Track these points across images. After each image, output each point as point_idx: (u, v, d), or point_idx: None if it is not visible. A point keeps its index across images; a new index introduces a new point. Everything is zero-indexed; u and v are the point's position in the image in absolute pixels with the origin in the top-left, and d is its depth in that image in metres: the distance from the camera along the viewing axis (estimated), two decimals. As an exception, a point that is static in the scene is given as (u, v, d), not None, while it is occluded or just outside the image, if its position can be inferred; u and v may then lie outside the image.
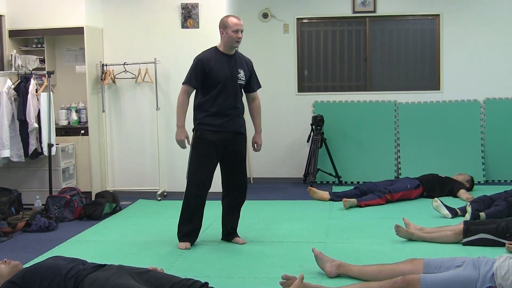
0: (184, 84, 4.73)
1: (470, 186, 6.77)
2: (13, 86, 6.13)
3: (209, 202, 4.97)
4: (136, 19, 7.01)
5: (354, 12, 7.85)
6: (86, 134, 6.74)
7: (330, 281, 3.83)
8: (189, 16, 6.85)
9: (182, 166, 4.84)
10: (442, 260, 3.55)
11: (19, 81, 6.20)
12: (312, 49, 8.04)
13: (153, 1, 6.96)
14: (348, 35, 7.99)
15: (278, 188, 7.56)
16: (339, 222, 5.60)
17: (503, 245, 4.40)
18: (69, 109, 6.87)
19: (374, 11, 7.82)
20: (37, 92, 6.20)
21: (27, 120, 6.08)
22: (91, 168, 6.77)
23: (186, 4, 6.84)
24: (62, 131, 6.76)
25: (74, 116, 6.82)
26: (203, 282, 3.22)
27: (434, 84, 7.90)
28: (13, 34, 6.68)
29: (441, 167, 7.24)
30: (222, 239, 4.96)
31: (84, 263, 3.37)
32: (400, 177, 7.51)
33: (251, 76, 4.87)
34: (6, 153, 6.02)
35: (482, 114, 7.71)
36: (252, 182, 7.86)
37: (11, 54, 6.56)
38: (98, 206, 5.96)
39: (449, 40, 7.76)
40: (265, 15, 7.95)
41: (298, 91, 8.01)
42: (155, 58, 6.83)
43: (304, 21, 8.00)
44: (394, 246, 4.67)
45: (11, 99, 6.08)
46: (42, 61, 6.78)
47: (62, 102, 6.91)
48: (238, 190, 4.85)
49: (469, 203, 5.38)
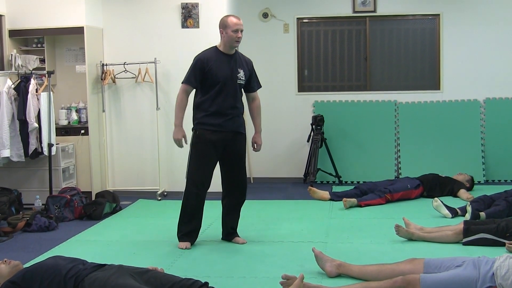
0: (183, 83, 4.73)
1: (470, 186, 6.77)
2: (13, 86, 6.13)
3: (209, 202, 4.97)
4: (136, 19, 7.01)
5: (354, 12, 7.85)
6: (86, 134, 6.74)
7: (330, 281, 3.83)
8: (189, 16, 6.85)
9: (182, 166, 4.84)
10: (442, 260, 3.55)
11: (19, 81, 6.20)
12: (312, 49, 8.04)
13: (153, 1, 6.96)
14: (348, 35, 7.99)
15: (278, 188, 7.56)
16: (339, 222, 5.60)
17: (503, 245, 4.40)
18: (69, 109, 6.87)
19: (374, 11, 7.82)
20: (37, 92, 6.20)
21: (27, 120, 6.08)
22: (91, 168, 6.77)
23: (186, 4, 6.84)
24: (62, 131, 6.76)
25: (74, 116, 6.82)
26: (203, 282, 3.22)
27: (434, 84, 7.90)
28: (13, 33, 6.68)
29: (441, 167, 7.24)
30: (222, 239, 4.96)
31: (84, 263, 3.37)
32: (400, 177, 7.51)
33: (251, 76, 4.86)
34: (6, 152, 6.02)
35: (482, 114, 7.71)
36: (252, 182, 7.86)
37: (11, 54, 6.56)
38: (98, 206, 5.96)
39: (449, 40, 7.76)
40: (265, 15, 7.95)
41: (298, 91, 8.01)
42: (155, 58, 6.83)
43: (304, 21, 7.99)
44: (394, 246, 4.67)
45: (11, 99, 6.08)
46: (42, 61, 6.77)
47: (62, 102, 6.91)
48: (238, 190, 4.85)
49: (469, 203, 5.38)
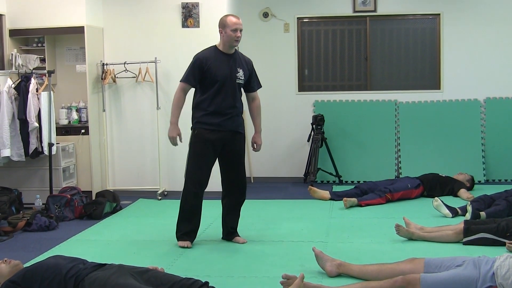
0: (181, 81, 4.73)
1: (470, 185, 6.76)
2: (13, 85, 6.13)
3: (209, 201, 4.96)
4: (136, 18, 7.01)
5: (355, 11, 7.85)
6: (87, 133, 6.74)
7: (331, 280, 3.83)
8: (189, 15, 6.85)
9: (182, 166, 4.83)
10: (442, 259, 3.54)
11: (20, 80, 6.19)
12: (312, 48, 8.04)
13: (153, 0, 6.96)
14: (348, 35, 7.99)
15: (278, 187, 7.56)
16: (340, 221, 5.60)
17: (504, 244, 4.40)
18: (69, 108, 6.87)
19: (375, 11, 7.82)
20: (37, 91, 6.20)
21: (28, 119, 6.07)
22: (92, 167, 6.77)
23: (187, 3, 6.84)
24: (63, 131, 6.76)
25: (75, 115, 6.82)
26: (204, 281, 3.22)
27: (434, 83, 7.90)
28: (13, 33, 6.68)
29: (441, 167, 7.24)
30: (223, 239, 4.96)
31: (84, 263, 3.37)
32: (400, 176, 7.51)
33: (251, 75, 4.86)
34: (7, 152, 6.02)
35: (483, 114, 7.71)
36: (252, 181, 7.86)
37: (12, 54, 6.56)
38: (98, 206, 5.95)
39: (449, 39, 7.76)
40: (265, 15, 7.95)
41: (299, 91, 8.01)
42: (156, 58, 6.83)
43: (304, 20, 7.99)
44: (394, 246, 4.67)
45: (12, 99, 6.08)
46: (43, 60, 6.78)
47: (63, 101, 6.92)
48: (237, 190, 4.85)
49: (469, 203, 5.38)
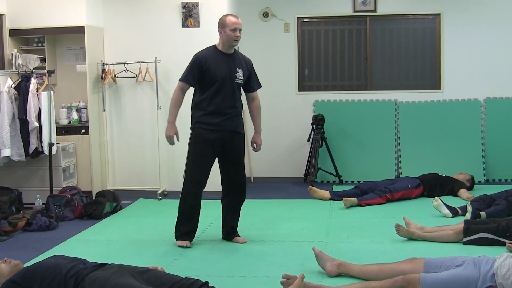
0: (180, 81, 4.73)
1: (470, 185, 6.76)
2: (13, 85, 6.13)
3: (209, 201, 4.96)
4: (136, 18, 7.00)
5: (355, 11, 7.85)
6: (87, 133, 6.74)
7: (331, 280, 3.83)
8: (189, 15, 6.85)
9: (182, 165, 4.83)
10: (442, 259, 3.54)
11: (20, 80, 6.19)
12: (312, 48, 8.04)
13: (153, 0, 6.96)
14: (348, 34, 7.98)
15: (278, 187, 7.55)
16: (340, 221, 5.60)
17: (504, 244, 4.40)
18: (69, 108, 6.87)
19: (375, 10, 7.82)
20: (37, 91, 6.20)
21: (28, 119, 6.07)
22: (92, 167, 6.77)
23: (187, 3, 6.84)
24: (63, 130, 6.76)
25: (75, 115, 6.82)
26: (204, 281, 3.22)
27: (434, 83, 7.90)
28: (13, 33, 6.68)
29: (441, 166, 7.24)
30: (223, 238, 4.96)
31: (84, 262, 3.37)
32: (400, 176, 7.51)
33: (250, 75, 4.85)
34: (7, 152, 6.02)
35: (483, 113, 7.70)
36: (252, 181, 7.86)
37: (12, 53, 6.56)
38: (98, 205, 5.95)
39: (449, 39, 7.76)
40: (265, 14, 7.94)
41: (299, 90, 8.01)
42: (156, 57, 6.83)
43: (304, 20, 7.99)
44: (394, 246, 4.67)
45: (12, 98, 6.08)
46: (43, 60, 6.78)
47: (63, 101, 6.92)
48: (237, 190, 4.85)
49: (469, 202, 5.38)
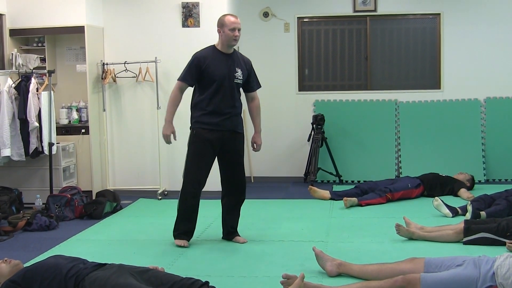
0: (179, 80, 4.74)
1: (470, 185, 6.76)
2: (13, 85, 6.13)
3: (208, 201, 4.96)
4: (136, 18, 7.00)
5: (355, 11, 7.85)
6: (87, 133, 6.74)
7: (331, 280, 3.83)
8: (189, 15, 6.85)
9: (182, 165, 4.82)
10: (442, 259, 3.54)
11: (20, 80, 6.19)
12: (312, 48, 8.04)
13: (153, 0, 6.96)
14: (348, 34, 7.98)
15: (278, 187, 7.55)
16: (340, 221, 5.60)
17: (504, 244, 4.40)
18: (69, 108, 6.86)
19: (375, 10, 7.82)
20: (37, 91, 6.20)
21: (28, 119, 6.07)
22: (92, 167, 6.77)
23: (187, 3, 6.84)
24: (63, 130, 6.75)
25: (75, 115, 6.82)
26: (204, 281, 3.21)
27: (434, 83, 7.90)
28: (13, 33, 6.68)
29: (441, 166, 7.24)
30: (223, 238, 4.96)
31: (84, 262, 3.37)
32: (400, 176, 7.51)
33: (250, 75, 4.85)
34: (7, 152, 6.02)
35: (483, 113, 7.70)
36: (252, 181, 7.86)
37: (12, 53, 6.56)
38: (98, 205, 5.96)
39: (449, 39, 7.75)
40: (265, 14, 7.94)
41: (299, 90, 8.01)
42: (156, 57, 6.83)
43: (304, 20, 7.99)
44: (394, 245, 4.67)
45: (12, 98, 6.08)
46: (43, 60, 6.78)
47: (63, 101, 6.91)
48: (237, 189, 4.84)
49: (469, 202, 5.38)
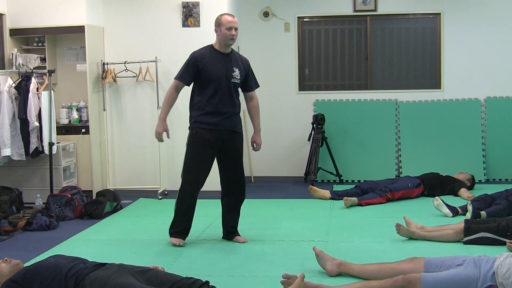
0: (175, 79, 4.75)
1: (471, 184, 6.76)
2: (14, 85, 6.13)
3: (208, 201, 4.95)
4: (137, 18, 7.00)
5: (355, 10, 7.84)
6: (87, 132, 6.74)
7: (331, 280, 3.83)
8: (190, 14, 6.85)
9: (182, 165, 4.83)
10: (443, 259, 3.54)
11: (20, 79, 6.19)
12: (313, 47, 8.04)
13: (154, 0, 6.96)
14: (349, 34, 7.98)
15: (279, 187, 7.55)
16: (340, 220, 5.60)
17: (504, 244, 4.40)
18: (70, 107, 6.87)
19: (375, 10, 7.82)
20: (38, 90, 6.20)
21: (28, 118, 6.07)
22: (92, 166, 6.77)
23: (187, 2, 6.84)
24: (63, 130, 6.76)
25: (75, 114, 6.82)
26: (204, 281, 3.21)
27: (435, 82, 7.90)
28: (14, 32, 6.68)
29: (442, 166, 7.24)
30: (223, 238, 4.96)
31: (85, 262, 3.37)
32: (401, 175, 7.50)
33: (248, 75, 4.84)
34: (7, 151, 6.02)
35: (483, 113, 7.70)
36: (253, 181, 7.86)
37: (12, 53, 6.56)
38: (99, 205, 5.96)
39: (450, 39, 7.75)
40: (266, 14, 7.94)
41: (299, 90, 8.01)
42: (156, 57, 6.83)
43: (305, 19, 7.99)
44: (394, 245, 4.67)
45: (12, 98, 6.08)
46: (43, 59, 6.78)
47: (63, 101, 6.92)
48: (236, 189, 4.84)
49: (470, 202, 5.37)
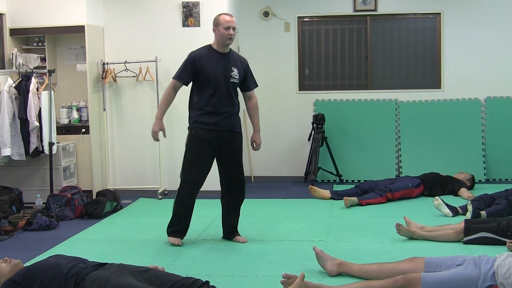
0: (173, 78, 4.75)
1: (471, 184, 6.76)
2: (14, 85, 6.13)
3: (208, 201, 4.95)
4: (137, 18, 7.00)
5: (355, 10, 7.84)
6: (87, 132, 6.74)
7: (331, 279, 3.83)
8: (190, 14, 6.85)
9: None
10: (443, 258, 3.54)
11: (20, 79, 6.19)
12: (313, 47, 8.04)
13: (154, -1, 6.98)
14: (349, 34, 7.98)
15: (279, 186, 7.55)
16: (340, 220, 5.60)
17: (504, 243, 4.40)
18: (70, 107, 6.87)
19: (375, 10, 7.82)
20: (38, 90, 6.20)
21: (28, 118, 6.07)
22: (92, 166, 6.77)
23: (187, 2, 6.84)
24: (63, 130, 6.75)
25: (75, 114, 6.82)
26: (204, 280, 3.21)
27: (435, 82, 7.90)
28: (14, 32, 6.68)
29: (442, 166, 7.24)
30: (223, 238, 4.96)
31: (85, 262, 3.37)
32: (401, 175, 7.50)
33: (246, 75, 4.84)
34: (7, 151, 6.02)
35: (483, 113, 7.70)
36: (253, 180, 7.86)
37: (12, 53, 6.56)
38: (99, 205, 5.96)
39: (450, 38, 7.75)
40: (266, 14, 7.94)
41: (299, 90, 8.01)
42: (156, 57, 6.82)
43: (305, 19, 7.99)
44: (395, 245, 4.67)
45: (12, 98, 6.08)
46: (43, 59, 6.78)
47: (63, 101, 6.91)
48: (236, 189, 4.84)
49: (470, 202, 5.37)
